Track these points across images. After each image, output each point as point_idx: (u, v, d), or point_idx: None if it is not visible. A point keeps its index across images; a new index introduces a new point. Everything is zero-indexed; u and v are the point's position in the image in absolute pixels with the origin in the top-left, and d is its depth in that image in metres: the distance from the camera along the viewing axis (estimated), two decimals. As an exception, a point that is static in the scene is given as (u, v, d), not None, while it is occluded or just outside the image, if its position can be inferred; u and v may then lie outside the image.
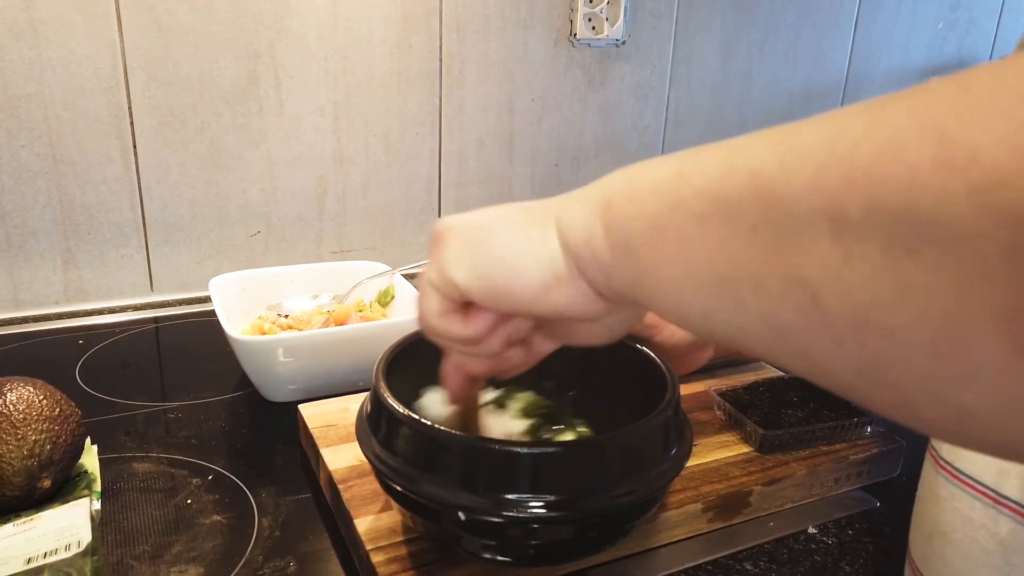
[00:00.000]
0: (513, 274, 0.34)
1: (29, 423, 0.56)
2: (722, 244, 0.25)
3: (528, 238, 0.34)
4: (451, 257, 0.36)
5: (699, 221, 0.26)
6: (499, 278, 0.34)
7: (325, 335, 0.76)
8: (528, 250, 0.34)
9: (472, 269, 0.35)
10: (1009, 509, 0.43)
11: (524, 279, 0.34)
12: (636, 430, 0.47)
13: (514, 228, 0.35)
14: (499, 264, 0.34)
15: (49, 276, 0.99)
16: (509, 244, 0.34)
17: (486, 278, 0.35)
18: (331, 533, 0.58)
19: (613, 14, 1.22)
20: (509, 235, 0.35)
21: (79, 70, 0.94)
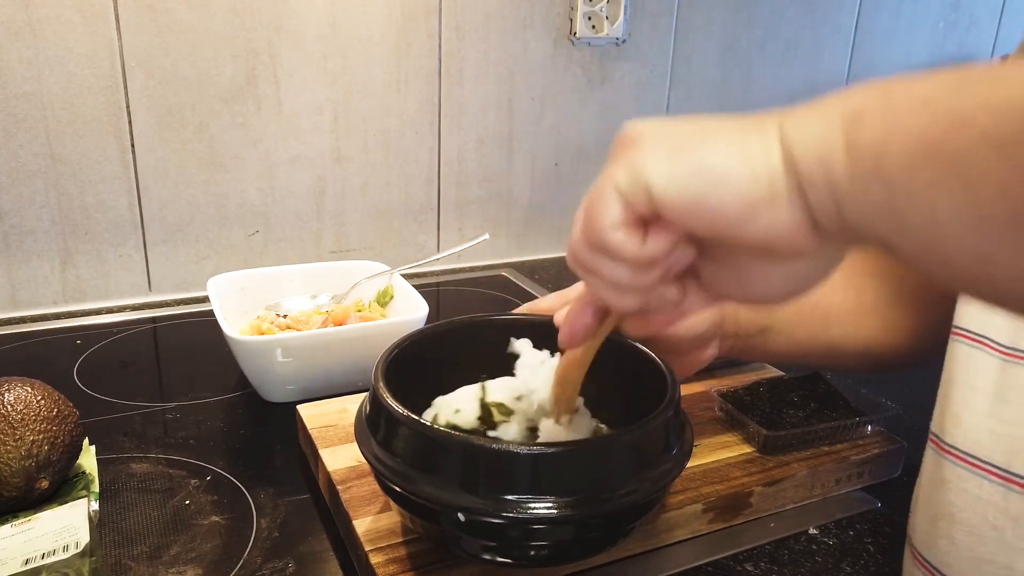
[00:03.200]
0: (721, 184, 0.29)
1: (27, 423, 0.55)
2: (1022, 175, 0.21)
3: (745, 145, 0.29)
4: (650, 159, 0.30)
5: (996, 145, 0.22)
6: (704, 187, 0.29)
7: (324, 335, 0.76)
8: (743, 159, 0.29)
9: (674, 175, 0.30)
10: (1020, 486, 0.43)
11: (734, 191, 0.29)
12: (636, 430, 0.47)
13: (728, 133, 0.30)
14: (707, 171, 0.29)
15: (47, 276, 0.99)
16: (721, 150, 0.29)
17: (689, 186, 0.29)
18: (330, 534, 0.58)
19: (613, 13, 1.22)
20: (722, 140, 0.30)
21: (77, 69, 0.93)
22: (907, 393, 0.69)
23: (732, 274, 0.33)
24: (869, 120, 0.26)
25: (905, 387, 0.71)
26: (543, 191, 1.28)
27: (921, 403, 0.64)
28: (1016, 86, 0.22)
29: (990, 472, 0.45)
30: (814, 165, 0.27)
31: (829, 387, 0.69)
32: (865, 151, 0.26)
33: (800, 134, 0.28)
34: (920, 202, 0.24)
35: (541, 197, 1.29)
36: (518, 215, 1.28)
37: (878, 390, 0.68)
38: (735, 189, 0.29)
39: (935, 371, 0.53)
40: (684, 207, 0.30)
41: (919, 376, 0.71)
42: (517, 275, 1.21)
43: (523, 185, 1.26)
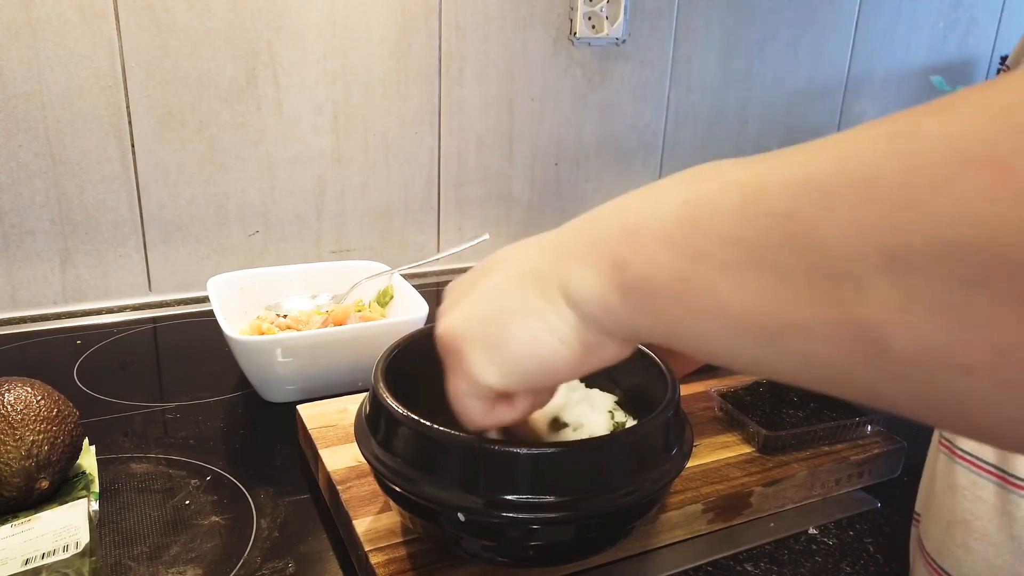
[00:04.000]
0: (544, 359, 0.34)
1: (27, 424, 0.55)
2: (758, 295, 0.24)
3: (542, 319, 0.34)
4: (476, 365, 0.36)
5: (727, 273, 0.25)
6: (532, 368, 0.35)
7: (324, 335, 0.76)
8: (547, 331, 0.33)
9: (503, 369, 0.35)
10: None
11: (557, 360, 0.34)
12: (636, 430, 0.47)
13: (523, 312, 0.35)
14: (526, 355, 0.34)
15: (47, 276, 0.99)
16: (526, 333, 0.34)
17: (520, 372, 0.35)
18: (330, 534, 0.58)
19: (613, 13, 1.22)
20: (522, 323, 0.34)
21: (77, 69, 0.93)
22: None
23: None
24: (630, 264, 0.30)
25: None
26: (543, 191, 1.28)
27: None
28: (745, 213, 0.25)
29: (1006, 480, 0.44)
30: (600, 315, 0.32)
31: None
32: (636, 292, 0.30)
33: (579, 289, 0.32)
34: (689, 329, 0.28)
35: (541, 197, 1.29)
36: (518, 215, 1.28)
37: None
38: (556, 358, 0.34)
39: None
40: (526, 386, 0.36)
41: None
42: (517, 275, 1.21)
43: (523, 185, 1.26)
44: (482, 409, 0.38)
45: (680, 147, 1.38)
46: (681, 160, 1.39)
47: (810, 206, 0.22)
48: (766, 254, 0.24)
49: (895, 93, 1.59)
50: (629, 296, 0.30)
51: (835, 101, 1.52)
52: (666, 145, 1.37)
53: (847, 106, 1.53)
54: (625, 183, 1.35)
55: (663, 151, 1.37)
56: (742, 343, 0.26)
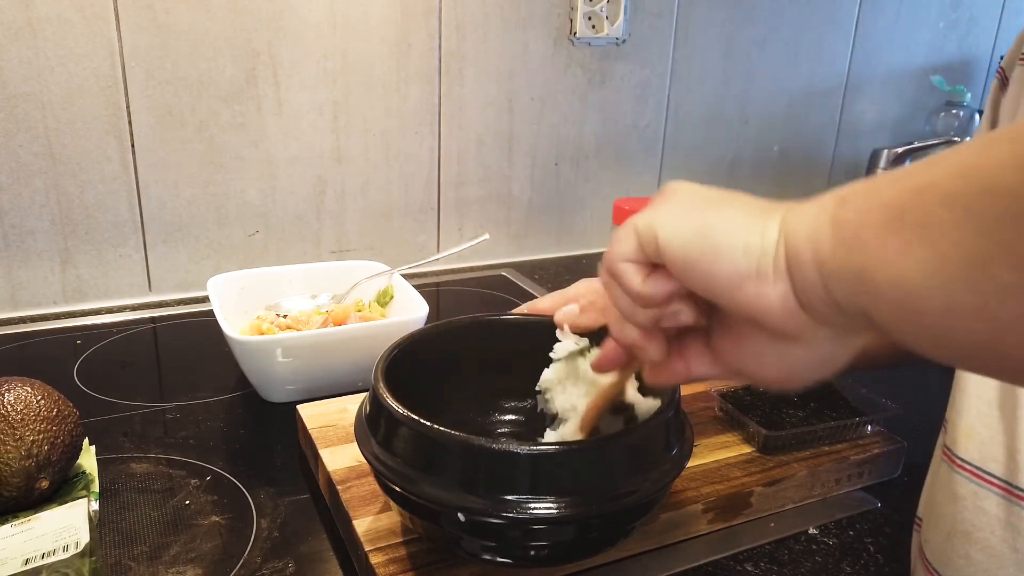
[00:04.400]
0: (715, 253, 0.32)
1: (27, 423, 0.55)
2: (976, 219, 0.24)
3: (747, 224, 0.32)
4: (666, 213, 0.34)
5: (949, 200, 0.25)
6: (700, 252, 0.33)
7: (324, 335, 0.76)
8: (742, 235, 0.32)
9: (678, 232, 0.33)
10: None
11: (724, 261, 0.32)
12: (636, 430, 0.47)
13: (739, 211, 0.33)
14: (707, 238, 0.33)
15: (47, 276, 0.99)
16: (726, 223, 0.33)
17: (687, 246, 0.33)
18: (330, 534, 0.58)
19: (613, 13, 1.22)
20: (730, 216, 0.33)
21: (77, 69, 0.93)
22: (907, 394, 0.69)
23: (734, 346, 0.36)
24: (852, 199, 0.29)
25: (904, 388, 0.71)
26: (543, 191, 1.28)
27: (921, 404, 0.64)
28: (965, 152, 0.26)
29: (1005, 490, 0.44)
30: (804, 244, 0.30)
31: (829, 386, 0.69)
32: (847, 224, 0.29)
33: (798, 219, 0.31)
34: (891, 263, 0.27)
35: (541, 197, 1.29)
36: (518, 215, 1.28)
37: (877, 390, 0.68)
38: (725, 259, 0.32)
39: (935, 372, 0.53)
40: (680, 261, 0.33)
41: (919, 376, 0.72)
42: (517, 275, 1.21)
43: (523, 185, 1.26)
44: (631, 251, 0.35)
45: (680, 147, 1.38)
46: (681, 160, 1.39)
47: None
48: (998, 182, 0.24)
49: (895, 93, 1.59)
50: (839, 230, 0.29)
51: (835, 101, 1.52)
52: (666, 145, 1.37)
53: (847, 106, 1.54)
54: (625, 183, 1.34)
55: (663, 151, 1.37)
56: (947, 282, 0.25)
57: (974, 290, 0.24)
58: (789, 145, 1.50)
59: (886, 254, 0.27)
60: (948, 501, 0.48)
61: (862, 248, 0.28)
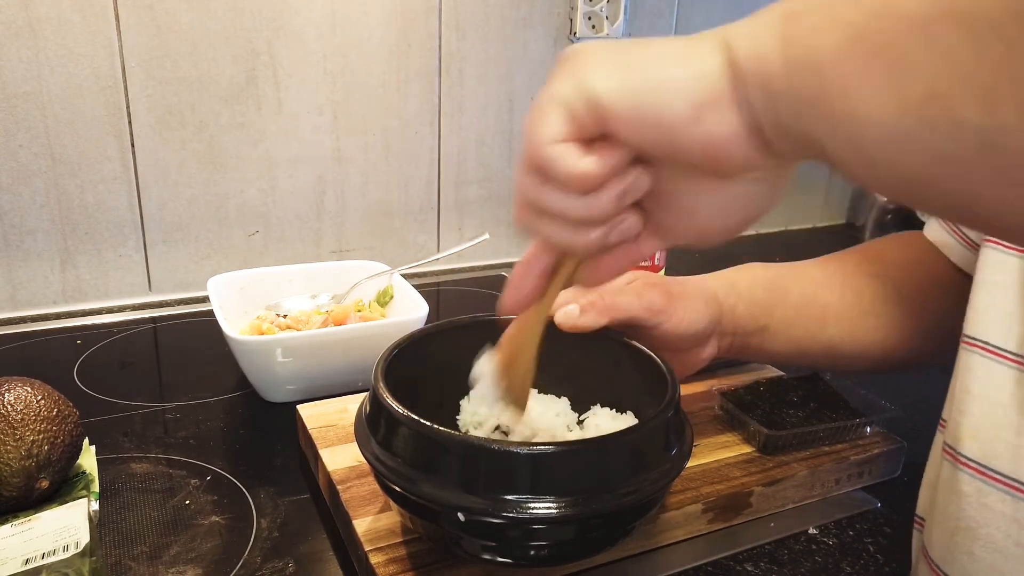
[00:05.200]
0: (667, 86, 0.29)
1: (27, 423, 0.55)
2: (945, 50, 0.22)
3: (687, 51, 0.29)
4: (595, 68, 0.30)
5: (916, 28, 0.23)
6: (649, 90, 0.29)
7: (324, 335, 0.76)
8: (687, 62, 0.29)
9: (620, 80, 0.30)
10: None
11: (679, 92, 0.29)
12: (636, 430, 0.47)
13: (670, 45, 0.30)
14: (650, 76, 0.29)
15: (47, 276, 0.99)
16: (667, 56, 0.30)
17: (635, 91, 0.29)
18: (330, 534, 0.58)
19: (613, 13, 1.22)
20: (665, 51, 0.30)
21: (77, 69, 0.93)
22: (906, 394, 0.69)
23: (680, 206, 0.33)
24: (805, 16, 0.27)
25: (904, 388, 0.71)
26: (543, 191, 1.28)
27: (920, 404, 0.64)
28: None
29: (1011, 486, 0.44)
30: (751, 61, 0.28)
31: (828, 387, 0.69)
32: (799, 43, 0.26)
33: (741, 34, 0.29)
34: (847, 89, 0.25)
35: (541, 197, 1.28)
36: (518, 215, 1.28)
37: (877, 391, 0.68)
38: (680, 90, 0.29)
39: (934, 373, 0.53)
40: (630, 114, 0.30)
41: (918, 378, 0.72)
42: (517, 275, 1.21)
43: (523, 185, 1.26)
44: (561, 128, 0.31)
45: (680, 147, 1.38)
46: (681, 160, 1.38)
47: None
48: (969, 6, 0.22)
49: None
50: (790, 49, 0.27)
51: (835, 101, 1.52)
52: (666, 145, 1.37)
53: (847, 106, 1.53)
54: (625, 183, 1.34)
55: (663, 151, 1.37)
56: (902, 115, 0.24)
57: (929, 124, 0.23)
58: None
59: (842, 79, 0.25)
60: (951, 499, 0.48)
61: (815, 70, 0.26)
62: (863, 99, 0.25)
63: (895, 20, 0.24)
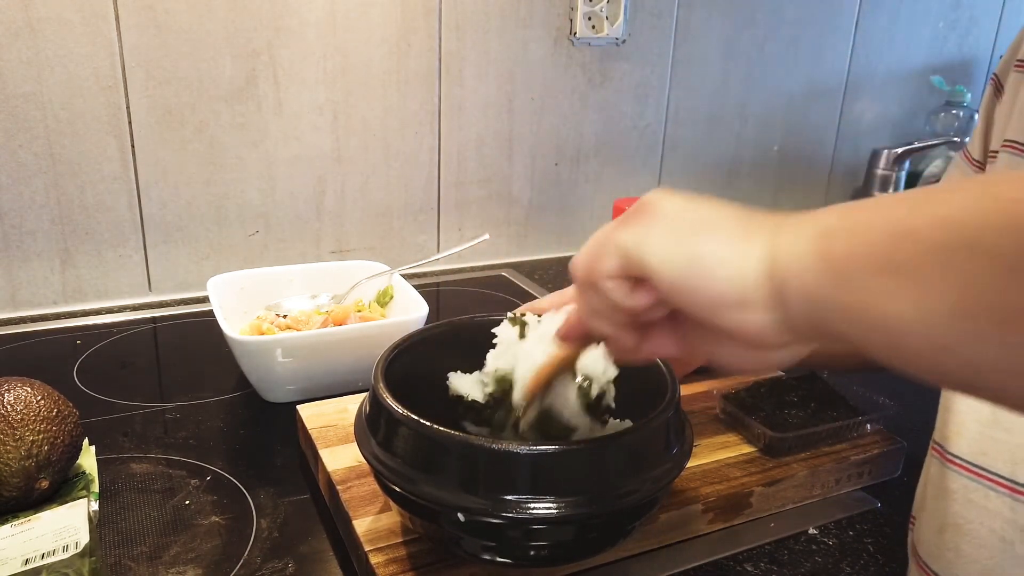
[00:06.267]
0: (703, 281, 0.33)
1: (27, 424, 0.55)
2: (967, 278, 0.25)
3: (735, 250, 0.33)
4: (654, 237, 0.35)
5: (936, 253, 0.26)
6: (689, 278, 0.33)
7: (324, 335, 0.76)
8: (729, 263, 0.33)
9: (668, 259, 0.34)
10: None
11: (712, 289, 0.33)
12: (636, 430, 0.47)
13: (726, 233, 0.34)
14: (694, 267, 0.33)
15: (47, 276, 0.99)
16: (713, 251, 0.33)
17: (676, 273, 0.34)
18: (330, 534, 0.58)
19: (613, 13, 1.22)
20: (718, 240, 0.34)
21: (77, 69, 0.93)
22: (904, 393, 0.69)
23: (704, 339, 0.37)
24: (837, 235, 0.30)
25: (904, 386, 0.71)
26: (543, 191, 1.28)
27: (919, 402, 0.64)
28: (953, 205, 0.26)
29: (996, 482, 0.44)
30: (793, 278, 0.31)
31: (827, 386, 0.69)
32: (835, 262, 0.30)
33: (783, 248, 0.32)
34: (881, 306, 0.28)
35: (541, 197, 1.29)
36: (518, 215, 1.28)
37: (875, 389, 0.68)
38: (714, 287, 0.33)
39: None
40: (668, 287, 0.34)
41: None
42: (517, 275, 1.21)
43: (523, 185, 1.26)
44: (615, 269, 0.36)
45: (680, 147, 1.38)
46: (681, 160, 1.39)
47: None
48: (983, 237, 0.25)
49: (895, 93, 1.59)
50: (826, 264, 0.30)
51: (835, 101, 1.52)
52: (666, 145, 1.37)
53: (847, 106, 1.53)
54: (625, 183, 1.34)
55: (663, 151, 1.37)
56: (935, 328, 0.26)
57: (958, 336, 0.26)
58: (789, 145, 1.50)
59: (877, 296, 0.28)
60: (939, 496, 0.48)
61: (851, 287, 0.29)
62: (895, 314, 0.27)
63: (911, 245, 0.27)
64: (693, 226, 0.34)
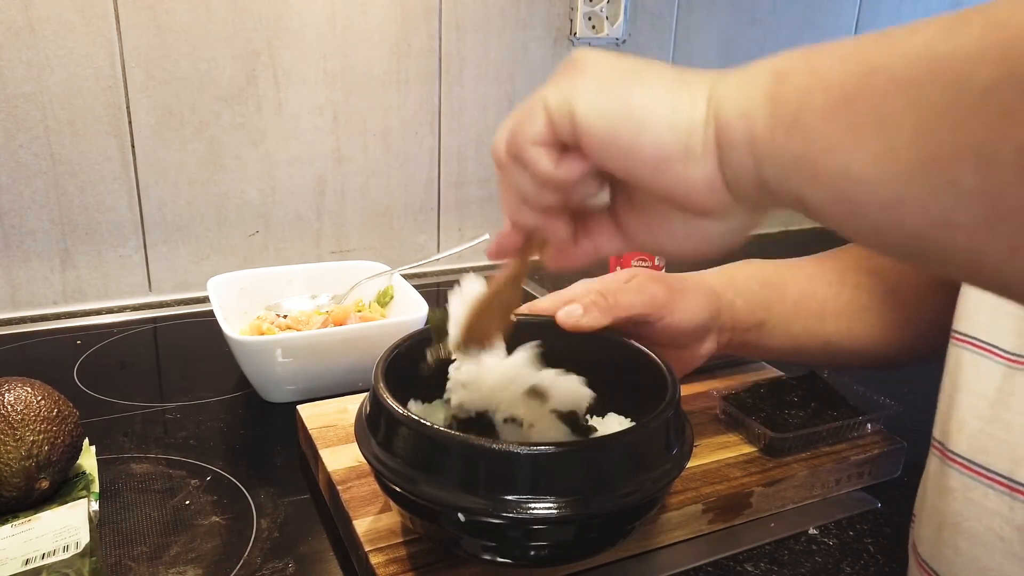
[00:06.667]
0: (639, 132, 0.29)
1: (27, 424, 0.55)
2: (938, 114, 0.22)
3: (673, 96, 0.30)
4: (583, 88, 0.31)
5: (906, 89, 0.23)
6: (624, 128, 0.30)
7: (324, 335, 0.76)
8: (668, 109, 0.29)
9: (600, 109, 0.30)
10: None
11: (649, 140, 0.29)
12: (636, 430, 0.47)
13: (662, 82, 0.31)
14: (630, 112, 0.30)
15: (47, 276, 0.99)
16: (650, 96, 0.30)
17: (609, 121, 0.30)
18: (330, 534, 0.58)
19: (613, 13, 1.22)
20: (653, 87, 0.30)
21: (77, 69, 0.93)
22: (905, 392, 0.69)
23: (643, 222, 0.34)
24: (792, 76, 0.27)
25: (903, 386, 0.71)
26: (543, 191, 1.28)
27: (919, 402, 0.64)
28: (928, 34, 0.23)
29: (995, 481, 0.44)
30: (736, 120, 0.28)
31: (827, 386, 0.69)
32: (786, 104, 0.26)
33: (728, 92, 0.29)
34: (836, 151, 0.25)
35: (541, 197, 1.28)
36: (518, 215, 1.28)
37: (875, 389, 0.68)
38: (652, 137, 0.29)
39: (932, 370, 0.53)
40: (601, 140, 0.30)
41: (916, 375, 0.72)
42: (517, 275, 1.21)
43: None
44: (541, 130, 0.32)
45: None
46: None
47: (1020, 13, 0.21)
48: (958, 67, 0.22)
49: (895, 93, 1.59)
50: (778, 108, 0.27)
51: (835, 101, 1.52)
52: (666, 145, 1.37)
53: (847, 106, 1.53)
54: (625, 183, 1.34)
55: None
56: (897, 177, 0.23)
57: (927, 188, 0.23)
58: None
59: (831, 141, 0.25)
60: (939, 494, 0.48)
61: (803, 132, 0.26)
62: (855, 162, 0.24)
63: (884, 81, 0.24)
64: (626, 76, 0.31)
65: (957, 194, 0.22)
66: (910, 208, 0.23)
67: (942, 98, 0.22)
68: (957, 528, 0.46)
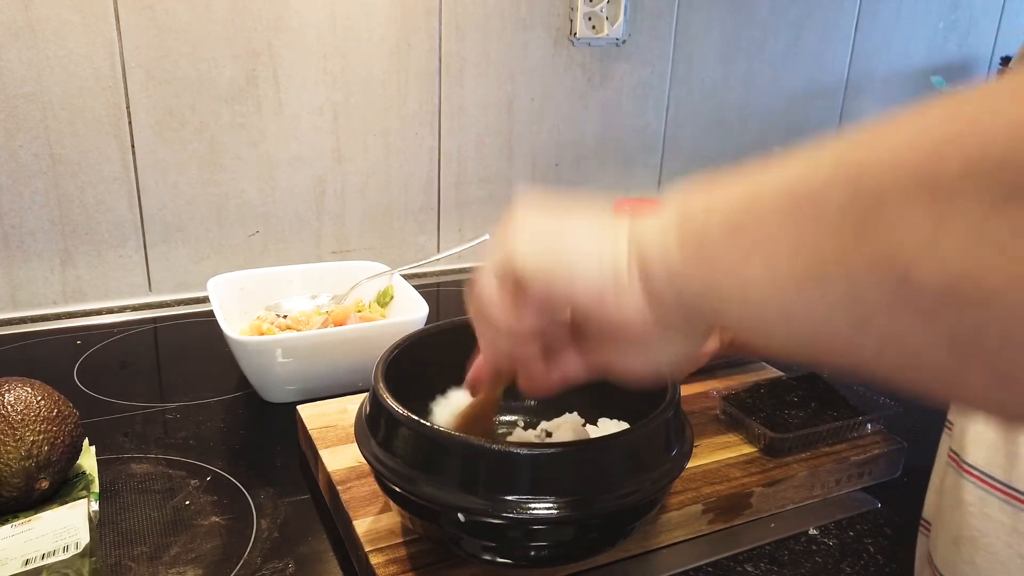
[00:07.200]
0: (571, 276, 0.34)
1: (27, 424, 0.55)
2: (805, 234, 0.25)
3: (598, 236, 0.34)
4: (520, 247, 0.36)
5: (780, 214, 0.26)
6: (560, 276, 0.34)
7: (324, 335, 0.76)
8: (594, 248, 0.33)
9: (536, 265, 0.35)
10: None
11: (581, 280, 0.33)
12: (636, 431, 0.47)
13: (587, 226, 0.35)
14: (561, 262, 0.34)
15: (47, 276, 0.99)
16: (577, 238, 0.34)
17: (548, 275, 0.34)
18: (330, 534, 0.58)
19: (613, 13, 1.22)
20: (580, 231, 0.35)
21: (77, 69, 0.93)
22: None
23: (598, 350, 0.38)
24: (694, 213, 0.30)
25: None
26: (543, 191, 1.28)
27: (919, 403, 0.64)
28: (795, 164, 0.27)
29: (1012, 496, 0.44)
30: (655, 254, 0.31)
31: (828, 386, 0.69)
32: (692, 235, 0.30)
33: (645, 230, 0.32)
34: (733, 274, 0.28)
35: (541, 197, 1.28)
36: (518, 215, 1.28)
37: (875, 389, 0.68)
38: (583, 273, 0.33)
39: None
40: (542, 289, 0.35)
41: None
42: (517, 275, 1.21)
43: (523, 186, 1.26)
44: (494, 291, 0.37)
45: (680, 147, 1.38)
46: (681, 160, 1.38)
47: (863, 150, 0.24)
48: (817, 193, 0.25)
49: (895, 93, 1.59)
50: (685, 240, 0.30)
51: (835, 101, 1.52)
52: (666, 145, 1.37)
53: (847, 106, 1.53)
54: (625, 183, 1.34)
55: (663, 151, 1.37)
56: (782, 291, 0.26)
57: (805, 302, 0.25)
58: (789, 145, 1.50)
59: (728, 265, 0.28)
60: (954, 507, 0.48)
61: (708, 260, 0.29)
62: (749, 283, 0.27)
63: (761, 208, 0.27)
64: (556, 228, 0.36)
65: (829, 304, 0.24)
66: (800, 321, 0.26)
67: (808, 219, 0.25)
68: (974, 543, 0.46)
